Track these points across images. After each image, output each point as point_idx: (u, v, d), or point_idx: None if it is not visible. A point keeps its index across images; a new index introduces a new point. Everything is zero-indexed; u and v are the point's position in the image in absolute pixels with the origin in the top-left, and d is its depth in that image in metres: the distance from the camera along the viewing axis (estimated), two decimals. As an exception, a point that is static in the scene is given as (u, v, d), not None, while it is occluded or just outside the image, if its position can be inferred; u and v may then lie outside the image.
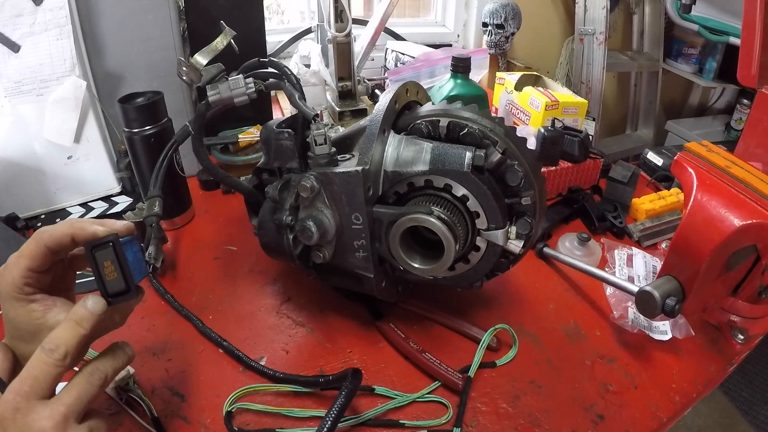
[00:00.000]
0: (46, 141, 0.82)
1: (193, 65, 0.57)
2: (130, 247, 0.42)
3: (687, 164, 0.62)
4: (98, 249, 0.39)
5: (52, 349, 0.36)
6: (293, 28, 1.45)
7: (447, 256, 0.49)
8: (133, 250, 0.42)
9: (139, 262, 0.43)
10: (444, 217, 0.49)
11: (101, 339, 0.43)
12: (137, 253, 0.43)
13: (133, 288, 0.40)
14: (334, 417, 0.44)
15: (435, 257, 0.51)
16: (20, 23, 0.78)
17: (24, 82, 0.80)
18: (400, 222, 0.50)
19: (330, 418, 0.44)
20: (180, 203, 0.83)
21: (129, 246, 0.42)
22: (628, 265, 0.73)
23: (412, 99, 0.58)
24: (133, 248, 0.42)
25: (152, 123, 0.74)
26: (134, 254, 0.42)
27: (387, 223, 0.51)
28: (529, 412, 0.54)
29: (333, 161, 0.51)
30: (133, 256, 0.42)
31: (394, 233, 0.51)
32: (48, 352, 0.36)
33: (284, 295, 0.68)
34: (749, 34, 0.91)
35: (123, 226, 0.42)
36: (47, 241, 0.39)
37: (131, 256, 0.41)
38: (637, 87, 2.11)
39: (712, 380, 0.60)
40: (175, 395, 0.54)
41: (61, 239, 0.39)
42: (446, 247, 0.49)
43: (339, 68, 0.99)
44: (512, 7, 1.48)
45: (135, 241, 0.43)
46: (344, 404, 0.45)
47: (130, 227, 0.42)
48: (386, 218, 0.51)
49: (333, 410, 0.44)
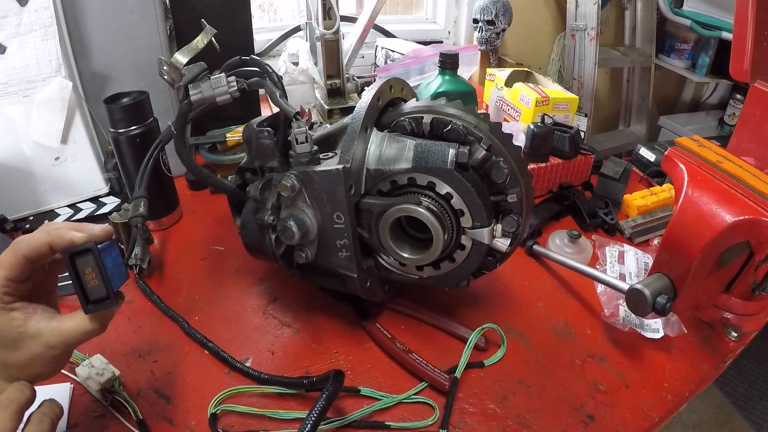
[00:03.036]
0: (34, 142, 0.82)
1: (174, 64, 0.56)
2: (109, 253, 0.41)
3: (678, 159, 0.61)
4: (77, 256, 0.39)
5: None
6: (284, 26, 1.44)
7: (435, 245, 0.50)
8: (112, 255, 0.41)
9: (119, 267, 0.42)
10: (433, 208, 0.50)
11: (84, 345, 0.43)
12: (117, 258, 0.42)
13: (112, 295, 0.40)
14: (314, 419, 0.43)
15: (424, 248, 0.52)
16: (6, 24, 0.77)
17: (10, 83, 0.79)
18: (389, 212, 0.50)
19: (310, 420, 0.43)
20: (167, 204, 0.82)
21: (108, 251, 0.41)
22: (619, 262, 0.73)
23: (397, 96, 0.57)
24: (113, 253, 0.41)
25: (138, 123, 0.73)
26: (114, 259, 0.41)
27: (377, 214, 0.51)
28: (517, 412, 0.53)
29: (315, 160, 0.50)
30: (112, 261, 0.41)
31: (384, 224, 0.51)
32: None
33: (271, 296, 0.68)
34: (741, 28, 0.91)
35: (101, 230, 0.41)
36: (25, 251, 0.38)
37: (110, 262, 0.40)
38: (629, 83, 2.11)
39: (705, 378, 0.59)
40: (161, 397, 0.54)
41: (39, 248, 0.39)
42: (434, 236, 0.49)
43: (328, 66, 0.98)
44: (503, 4, 1.47)
45: (115, 246, 0.42)
46: (325, 407, 0.45)
47: (109, 231, 0.41)
48: (376, 209, 0.51)
49: (313, 413, 0.44)
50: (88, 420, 0.51)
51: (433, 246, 0.50)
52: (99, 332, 0.41)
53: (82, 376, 0.52)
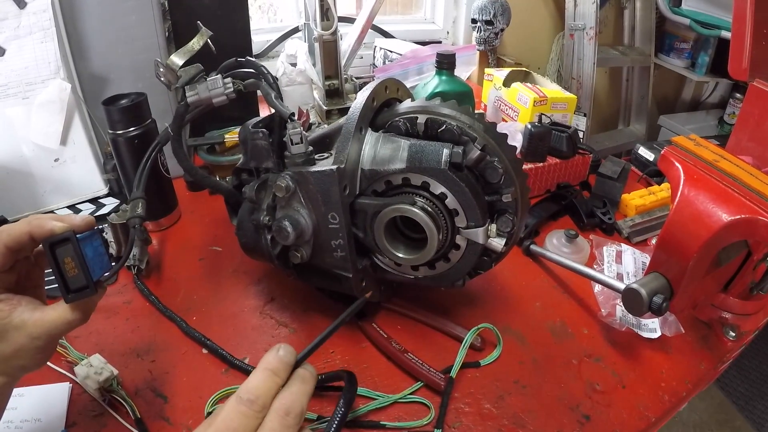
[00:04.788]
0: (34, 144, 0.82)
1: (170, 66, 0.56)
2: (90, 242, 0.41)
3: (674, 159, 0.60)
4: (58, 246, 0.39)
5: (252, 400, 0.34)
6: (282, 27, 1.44)
7: (430, 245, 0.50)
8: (93, 245, 0.41)
9: (101, 257, 0.42)
10: (427, 208, 0.50)
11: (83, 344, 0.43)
12: (99, 248, 0.42)
13: (91, 284, 0.40)
14: (336, 426, 0.40)
15: (419, 248, 0.52)
16: (4, 27, 0.77)
17: (10, 85, 0.80)
18: (384, 213, 0.51)
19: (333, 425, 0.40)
20: (165, 204, 0.82)
21: (89, 241, 0.41)
22: (617, 262, 0.73)
23: (392, 96, 0.57)
24: (94, 243, 0.41)
25: (136, 124, 0.73)
26: (95, 249, 0.41)
27: (371, 214, 0.52)
28: (513, 412, 0.53)
29: (310, 160, 0.50)
30: (93, 251, 0.41)
31: (378, 224, 0.51)
32: (248, 403, 0.34)
33: (268, 296, 0.68)
34: (740, 26, 0.91)
35: (82, 220, 0.41)
36: (6, 240, 0.39)
37: (91, 252, 0.40)
38: (629, 82, 2.11)
39: (702, 378, 0.59)
40: (158, 396, 0.54)
41: (20, 238, 0.39)
42: (429, 236, 0.49)
43: (326, 67, 0.99)
44: (501, 3, 1.47)
45: (96, 236, 0.42)
46: (345, 413, 0.42)
47: (90, 221, 0.42)
48: (370, 209, 0.51)
49: (335, 419, 0.41)
50: (87, 419, 0.51)
51: (428, 246, 0.50)
52: (81, 322, 0.41)
53: (81, 376, 0.53)
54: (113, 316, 0.64)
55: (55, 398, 0.52)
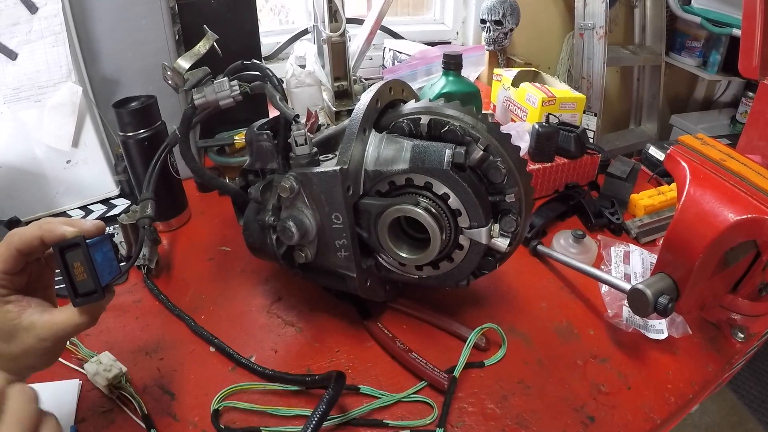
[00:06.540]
0: (46, 146, 0.84)
1: (176, 69, 0.57)
2: (100, 248, 0.41)
3: (680, 158, 0.60)
4: (68, 250, 0.39)
5: None
6: (292, 29, 1.45)
7: (433, 245, 0.50)
8: (103, 250, 0.42)
9: (110, 262, 0.42)
10: (430, 208, 0.50)
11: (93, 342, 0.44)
12: (108, 253, 0.42)
13: (99, 289, 0.40)
14: (315, 424, 0.43)
15: (422, 248, 0.52)
16: (17, 31, 0.79)
17: (22, 88, 0.81)
18: (387, 213, 0.51)
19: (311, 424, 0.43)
20: (175, 205, 0.83)
21: (99, 246, 0.41)
22: (624, 263, 0.72)
23: (397, 97, 0.57)
24: (104, 248, 0.42)
25: (146, 126, 0.75)
26: (104, 254, 0.42)
27: (375, 215, 0.52)
28: (516, 413, 0.53)
29: (314, 161, 0.51)
30: (102, 256, 0.41)
31: (382, 224, 0.52)
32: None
33: (275, 295, 0.69)
34: (750, 24, 0.89)
35: (92, 225, 0.42)
36: (17, 244, 0.39)
37: (100, 257, 0.41)
38: (640, 81, 2.09)
39: (710, 380, 0.58)
40: (166, 393, 0.55)
41: (31, 241, 0.39)
42: (432, 236, 0.50)
43: (334, 68, 0.99)
44: (510, 3, 1.47)
45: (106, 241, 0.43)
46: (326, 411, 0.45)
47: (101, 226, 0.42)
48: (374, 209, 0.52)
49: (314, 416, 0.44)
50: (96, 415, 0.52)
51: (431, 246, 0.50)
52: (89, 325, 0.42)
53: (91, 373, 0.54)
54: (123, 314, 0.65)
55: (66, 394, 0.53)
